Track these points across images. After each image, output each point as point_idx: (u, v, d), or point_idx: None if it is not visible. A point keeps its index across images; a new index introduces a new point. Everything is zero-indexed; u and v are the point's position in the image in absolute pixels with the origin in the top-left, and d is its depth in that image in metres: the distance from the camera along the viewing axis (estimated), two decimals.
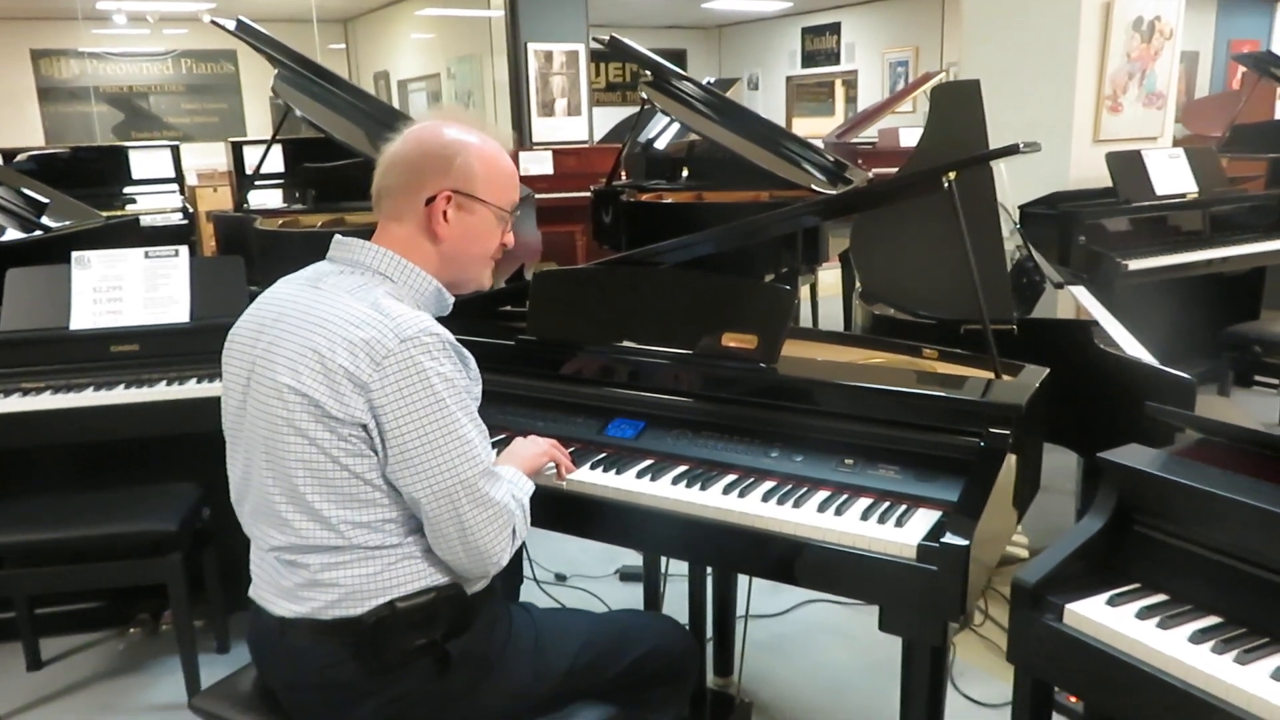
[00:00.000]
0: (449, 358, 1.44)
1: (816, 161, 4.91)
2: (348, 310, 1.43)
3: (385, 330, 1.40)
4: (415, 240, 1.54)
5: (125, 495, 2.49)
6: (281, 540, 1.47)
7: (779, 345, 1.86)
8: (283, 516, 1.45)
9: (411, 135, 1.56)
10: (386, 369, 1.37)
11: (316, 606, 1.45)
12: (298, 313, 1.46)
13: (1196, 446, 1.51)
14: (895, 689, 2.47)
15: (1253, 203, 4.51)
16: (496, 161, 1.57)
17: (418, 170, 1.52)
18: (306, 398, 1.40)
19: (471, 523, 1.43)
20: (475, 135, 1.56)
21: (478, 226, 1.56)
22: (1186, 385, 2.23)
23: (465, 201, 1.53)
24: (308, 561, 1.45)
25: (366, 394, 1.38)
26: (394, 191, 1.54)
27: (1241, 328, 4.13)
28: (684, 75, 4.95)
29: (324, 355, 1.39)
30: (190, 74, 12.15)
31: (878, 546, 1.54)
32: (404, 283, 1.52)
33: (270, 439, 1.44)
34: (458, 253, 1.56)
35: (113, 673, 2.67)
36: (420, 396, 1.38)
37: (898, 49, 12.48)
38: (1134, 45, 4.42)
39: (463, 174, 1.52)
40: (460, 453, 1.41)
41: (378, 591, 1.45)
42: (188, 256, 2.77)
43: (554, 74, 9.05)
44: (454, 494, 1.42)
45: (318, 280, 1.52)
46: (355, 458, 1.41)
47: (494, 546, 1.46)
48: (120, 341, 2.67)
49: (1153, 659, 1.26)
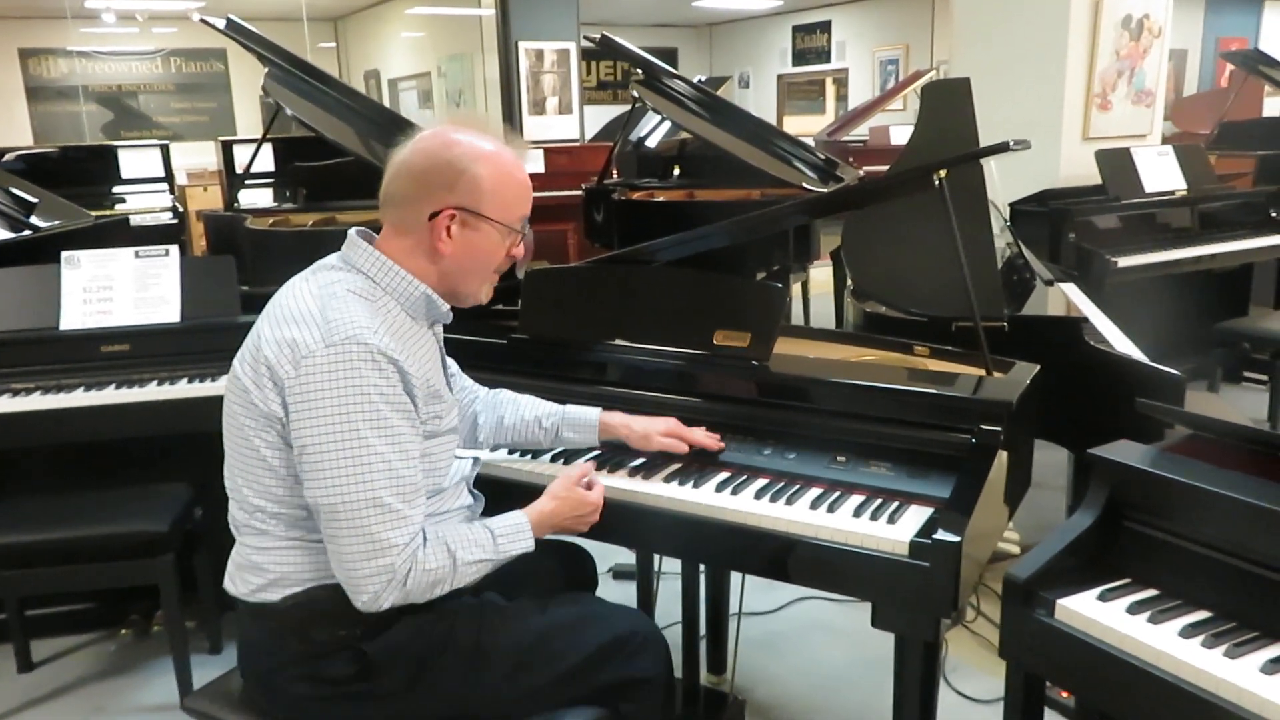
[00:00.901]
0: (375, 370, 1.38)
1: (807, 159, 4.91)
2: (299, 305, 1.44)
3: (314, 333, 1.39)
4: (415, 253, 1.51)
5: (116, 496, 2.47)
6: (231, 518, 1.53)
7: (771, 343, 1.87)
8: (229, 494, 1.52)
9: (420, 144, 1.51)
10: (303, 371, 1.37)
11: (246, 591, 1.49)
12: (278, 300, 1.49)
13: (1186, 442, 1.51)
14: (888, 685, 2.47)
15: (1241, 200, 4.53)
16: (508, 176, 1.51)
17: (423, 183, 1.48)
18: (240, 384, 1.45)
19: (346, 548, 1.37)
20: (488, 146, 1.50)
21: (482, 244, 1.52)
22: (1176, 381, 2.24)
23: (470, 219, 1.49)
24: (245, 540, 1.50)
25: (281, 392, 1.39)
26: (397, 202, 1.51)
27: (1231, 324, 4.15)
28: (675, 74, 4.95)
29: (260, 346, 1.43)
30: (180, 73, 12.10)
31: (870, 543, 1.54)
32: (388, 286, 1.49)
33: (226, 417, 1.50)
34: (458, 269, 1.53)
35: (104, 674, 2.66)
36: (327, 404, 1.36)
37: (888, 47, 12.50)
38: (1123, 43, 4.43)
39: (469, 190, 1.48)
40: (352, 472, 1.36)
41: (296, 580, 1.46)
42: (178, 256, 2.76)
43: (545, 72, 9.05)
44: (335, 511, 1.37)
45: (313, 272, 1.53)
46: (274, 450, 1.42)
47: (363, 583, 1.38)
48: (111, 342, 2.66)
49: (1143, 653, 1.26)
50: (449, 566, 1.46)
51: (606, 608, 1.69)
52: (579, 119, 9.31)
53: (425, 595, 1.45)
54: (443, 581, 1.46)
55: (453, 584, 1.48)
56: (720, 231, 2.06)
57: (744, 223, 2.01)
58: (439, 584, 1.46)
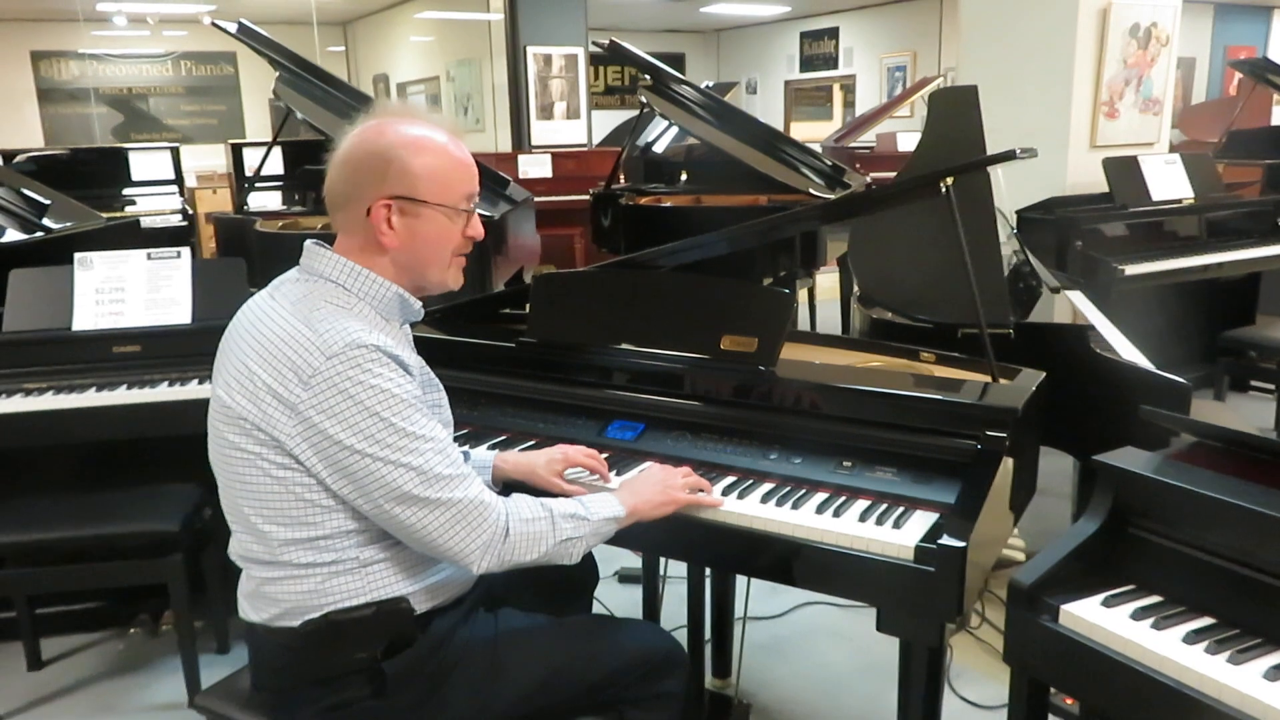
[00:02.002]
0: (384, 367, 1.38)
1: (814, 166, 4.94)
2: (281, 326, 1.40)
3: (311, 348, 1.36)
4: (368, 251, 1.47)
5: (127, 495, 2.50)
6: (234, 550, 1.51)
7: (778, 348, 1.88)
8: (231, 526, 1.50)
9: (351, 139, 1.46)
10: (315, 388, 1.35)
11: (265, 618, 1.48)
12: (245, 325, 1.46)
13: (1191, 450, 1.52)
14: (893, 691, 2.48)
15: (1249, 208, 4.54)
16: (441, 155, 1.46)
17: (354, 180, 1.45)
18: (234, 413, 1.40)
19: (433, 527, 1.39)
20: (417, 129, 1.45)
21: (428, 230, 1.47)
22: (1182, 390, 2.25)
23: (409, 206, 1.45)
24: (253, 572, 1.48)
25: (297, 414, 1.35)
26: (338, 203, 1.47)
27: (1237, 333, 4.15)
28: (683, 79, 4.97)
29: (252, 371, 1.39)
30: (190, 76, 12.17)
31: (875, 548, 1.55)
32: (359, 291, 1.46)
33: (216, 450, 1.47)
34: (411, 260, 1.49)
35: (113, 673, 2.67)
36: (351, 412, 1.35)
37: (896, 54, 12.51)
38: (1131, 51, 4.44)
39: (400, 177, 1.43)
40: (401, 463, 1.36)
41: (313, 608, 1.44)
42: (190, 258, 2.78)
43: (553, 77, 9.08)
44: (406, 505, 1.38)
45: (276, 289, 1.49)
46: (285, 471, 1.39)
47: (462, 546, 1.41)
48: (122, 342, 2.68)
49: (1147, 659, 1.27)
50: (546, 518, 1.47)
51: (629, 626, 1.70)
52: (587, 124, 9.34)
53: (530, 551, 1.45)
54: (545, 536, 1.46)
55: (555, 538, 1.47)
56: (729, 237, 2.08)
57: (753, 228, 2.03)
58: (542, 538, 1.46)
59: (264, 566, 1.46)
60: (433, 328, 2.26)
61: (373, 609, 1.45)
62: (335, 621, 1.44)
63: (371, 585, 1.46)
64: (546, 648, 1.58)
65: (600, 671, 1.57)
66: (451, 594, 1.55)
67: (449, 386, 1.69)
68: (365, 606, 1.45)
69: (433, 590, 1.52)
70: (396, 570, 1.48)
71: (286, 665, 1.49)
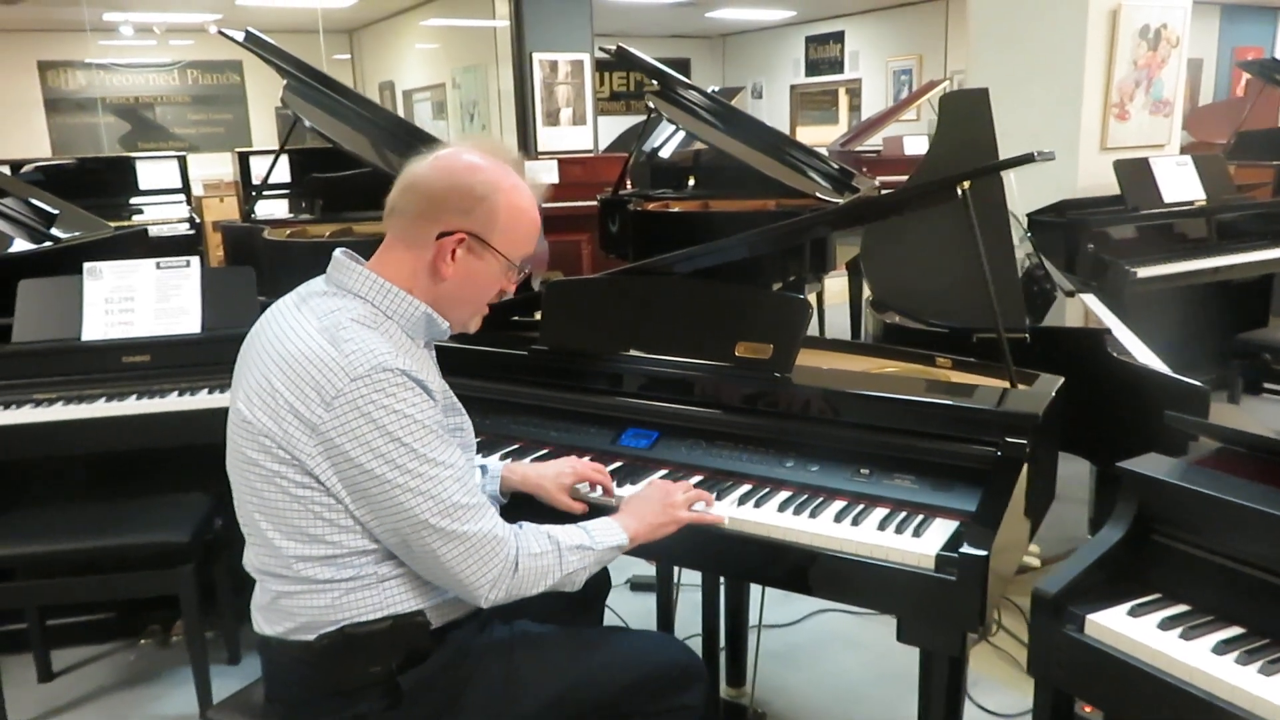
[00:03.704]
0: (408, 390, 1.36)
1: (822, 169, 4.92)
2: (306, 343, 1.38)
3: (335, 369, 1.35)
4: (415, 269, 1.47)
5: (137, 506, 2.48)
6: (250, 562, 1.50)
7: (794, 355, 1.86)
8: (248, 539, 1.49)
9: (442, 162, 1.48)
10: (337, 410, 1.33)
11: (280, 631, 1.47)
12: (270, 337, 1.44)
13: (1215, 456, 1.50)
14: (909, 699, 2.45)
15: (1261, 210, 4.51)
16: (523, 213, 1.50)
17: (439, 202, 1.46)
18: (255, 428, 1.39)
19: (446, 558, 1.39)
20: (510, 179, 1.49)
21: (483, 273, 1.50)
22: (1200, 393, 2.22)
23: (477, 246, 1.47)
24: (269, 585, 1.47)
25: (317, 434, 1.35)
26: (408, 214, 1.48)
27: (1251, 335, 4.12)
28: (690, 84, 4.96)
29: (275, 388, 1.37)
30: (196, 85, 12.21)
31: (895, 556, 1.53)
32: (388, 309, 1.46)
33: (234, 463, 1.46)
34: (454, 294, 1.50)
35: (124, 684, 2.66)
36: (373, 437, 1.34)
37: (901, 57, 12.50)
38: (1141, 53, 4.42)
39: (485, 219, 1.46)
40: (420, 491, 1.36)
41: (329, 622, 1.43)
42: (199, 267, 2.78)
43: (559, 83, 9.08)
44: (420, 533, 1.37)
45: (303, 301, 1.47)
46: (305, 490, 1.38)
47: (475, 579, 1.40)
48: (132, 352, 2.68)
49: (1176, 670, 1.25)
50: (554, 552, 1.47)
51: (647, 638, 1.69)
52: (593, 130, 9.33)
53: (537, 585, 1.46)
54: (551, 570, 1.47)
55: (561, 571, 1.48)
56: (743, 243, 2.06)
57: (769, 233, 2.01)
58: (549, 572, 1.46)
59: (280, 580, 1.44)
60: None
61: (389, 623, 1.44)
62: (351, 635, 1.43)
63: (388, 600, 1.45)
64: (563, 661, 1.56)
65: (618, 685, 1.56)
66: (467, 608, 1.53)
67: (461, 395, 1.67)
68: (381, 620, 1.44)
69: (449, 605, 1.51)
70: (413, 586, 1.47)
71: (301, 678, 1.47)
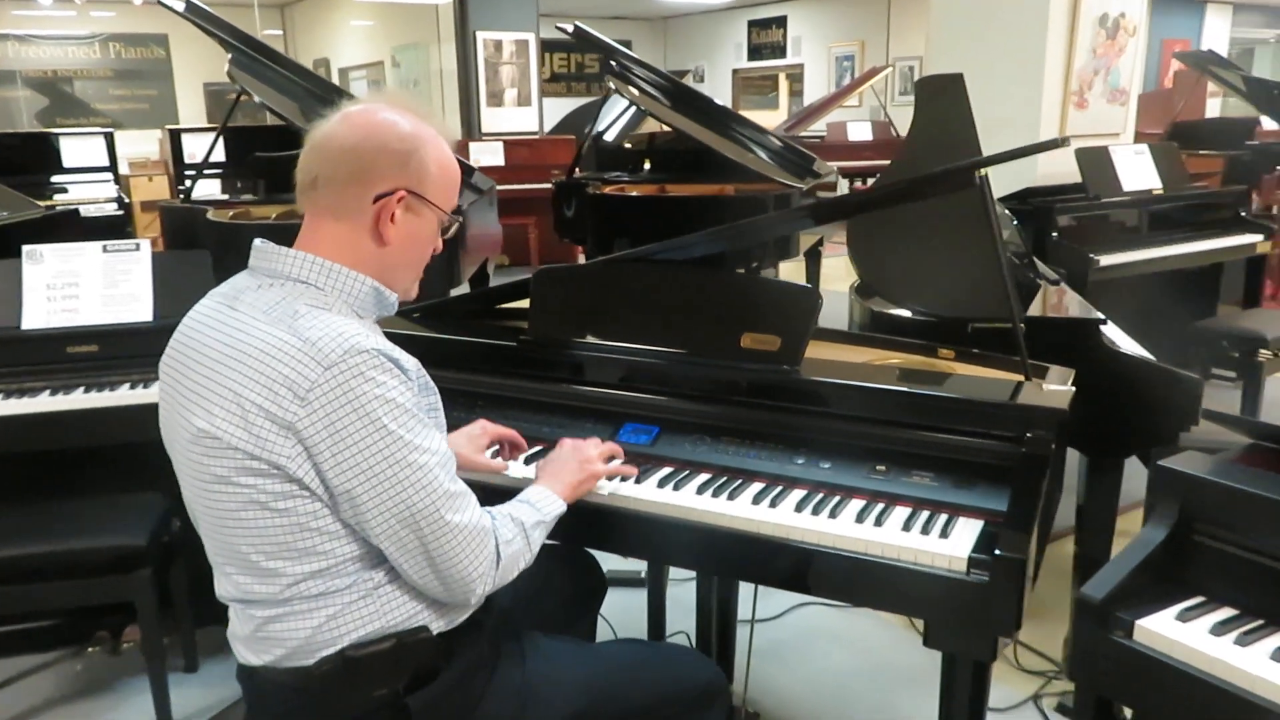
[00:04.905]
0: (387, 373, 1.26)
1: (783, 154, 4.86)
2: (263, 339, 1.25)
3: (305, 360, 1.23)
4: (354, 240, 1.35)
5: (88, 507, 2.32)
6: (227, 591, 1.36)
7: (803, 347, 1.79)
8: (224, 570, 1.34)
9: (360, 120, 1.36)
10: (314, 404, 1.22)
11: (270, 660, 1.34)
12: (210, 342, 1.30)
13: (1249, 453, 1.47)
14: (900, 695, 2.43)
15: (1214, 199, 4.58)
16: (449, 164, 1.42)
17: (369, 162, 1.33)
18: (221, 442, 1.25)
19: (440, 552, 1.29)
20: (429, 130, 1.39)
21: (422, 232, 1.40)
22: (1194, 385, 2.22)
23: (415, 203, 1.37)
24: (253, 614, 1.33)
25: (295, 435, 1.22)
26: (337, 181, 1.33)
27: (1208, 323, 4.18)
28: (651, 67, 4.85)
29: (239, 394, 1.24)
30: (119, 58, 11.70)
31: (924, 559, 1.48)
32: (332, 288, 1.33)
33: (199, 488, 1.30)
34: (397, 260, 1.39)
35: (72, 696, 2.49)
36: (357, 428, 1.23)
37: (844, 43, 12.55)
38: (1099, 41, 4.44)
39: (418, 174, 1.36)
40: (411, 481, 1.26)
41: (326, 643, 1.31)
42: (150, 251, 2.60)
43: (504, 63, 8.90)
44: (415, 526, 1.27)
45: (235, 299, 1.34)
46: (288, 500, 1.25)
47: (469, 573, 1.32)
48: (78, 342, 2.50)
49: (1234, 678, 1.21)
50: (521, 535, 1.42)
51: (669, 653, 1.61)
52: (538, 111, 9.18)
53: (511, 572, 1.40)
54: (522, 554, 1.42)
55: (531, 554, 1.43)
56: (743, 230, 1.99)
57: (775, 220, 1.94)
58: (519, 557, 1.41)
59: (266, 606, 1.31)
60: (424, 326, 2.14)
61: (393, 641, 1.33)
62: (352, 658, 1.31)
63: (384, 609, 1.34)
64: (582, 678, 1.48)
65: (639, 703, 1.49)
66: (464, 611, 1.42)
67: (444, 388, 1.55)
68: (385, 639, 1.33)
69: (445, 608, 1.39)
70: (405, 591, 1.35)
71: (298, 708, 1.35)
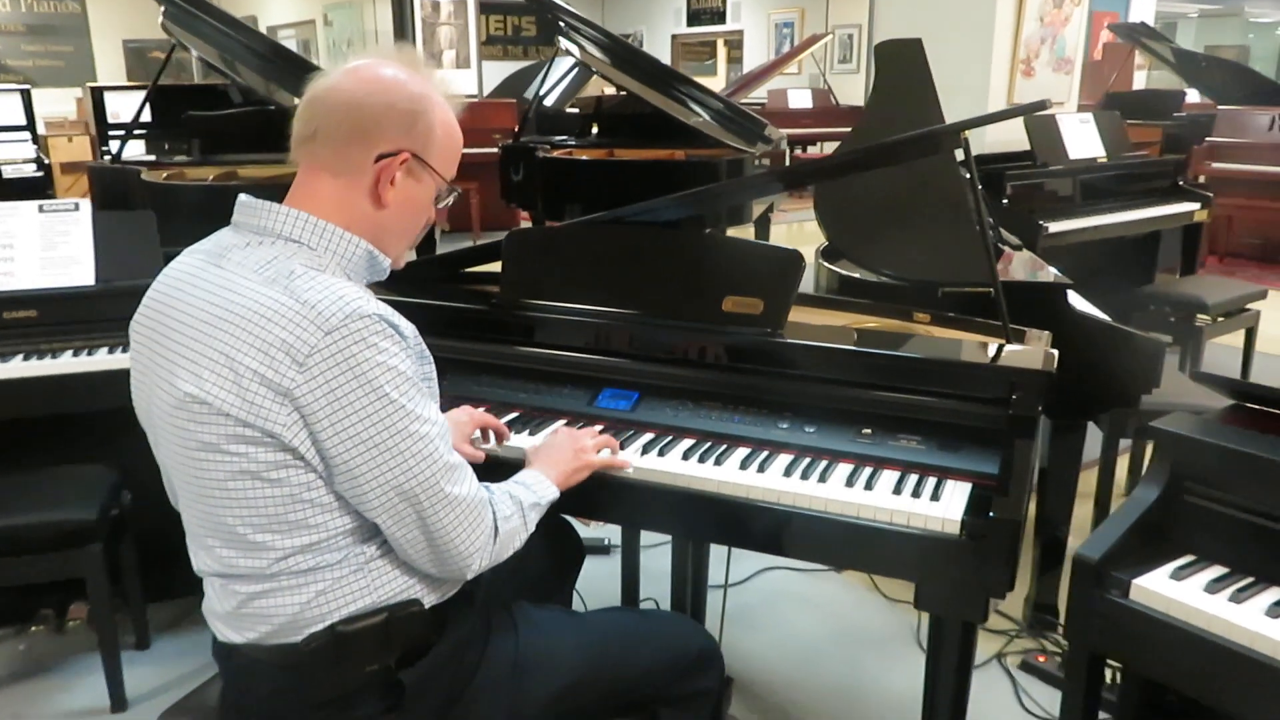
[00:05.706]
0: (389, 339, 1.21)
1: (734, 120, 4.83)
2: (257, 300, 1.19)
3: (305, 323, 1.17)
4: (350, 199, 1.29)
5: (33, 481, 2.21)
6: (208, 565, 1.30)
7: (786, 310, 1.77)
8: (205, 542, 1.28)
9: (367, 75, 1.29)
10: (313, 370, 1.16)
11: (254, 637, 1.28)
12: (196, 301, 1.23)
13: (1233, 413, 1.49)
14: (868, 657, 2.44)
15: (1156, 168, 4.68)
16: (454, 130, 1.36)
17: (375, 119, 1.27)
18: (211, 407, 1.18)
19: (438, 526, 1.25)
20: (437, 94, 1.34)
21: (421, 198, 1.35)
22: (1157, 347, 2.26)
23: (417, 168, 1.31)
24: (236, 589, 1.27)
25: (292, 402, 1.17)
26: (336, 138, 1.28)
27: (1151, 289, 4.28)
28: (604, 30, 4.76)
29: (231, 358, 1.18)
30: (31, 13, 11.16)
31: (917, 522, 1.48)
32: (325, 249, 1.27)
33: (182, 456, 1.24)
34: (393, 225, 1.34)
35: (18, 677, 2.38)
36: (357, 395, 1.18)
37: (784, 10, 12.52)
38: (1046, 10, 4.49)
39: (424, 136, 1.31)
40: (413, 452, 1.22)
41: (315, 619, 1.26)
42: (90, 212, 2.47)
43: (441, 24, 8.70)
44: (414, 499, 1.23)
45: (221, 256, 1.27)
46: (281, 470, 1.20)
47: (467, 547, 1.28)
48: (15, 307, 2.36)
49: (1232, 634, 1.23)
50: (518, 514, 1.39)
51: (662, 621, 1.61)
52: (477, 73, 9.00)
53: (507, 549, 1.37)
54: (518, 532, 1.38)
55: (526, 532, 1.40)
56: (718, 194, 1.95)
57: (754, 181, 1.91)
58: (515, 535, 1.38)
59: (251, 581, 1.25)
60: (389, 289, 2.06)
61: (383, 614, 1.28)
62: (342, 634, 1.26)
63: (375, 584, 1.29)
64: (577, 648, 1.45)
65: (634, 671, 1.47)
66: (456, 584, 1.38)
67: None
68: (375, 613, 1.28)
69: (437, 582, 1.35)
70: (397, 565, 1.31)
71: (284, 687, 1.29)
